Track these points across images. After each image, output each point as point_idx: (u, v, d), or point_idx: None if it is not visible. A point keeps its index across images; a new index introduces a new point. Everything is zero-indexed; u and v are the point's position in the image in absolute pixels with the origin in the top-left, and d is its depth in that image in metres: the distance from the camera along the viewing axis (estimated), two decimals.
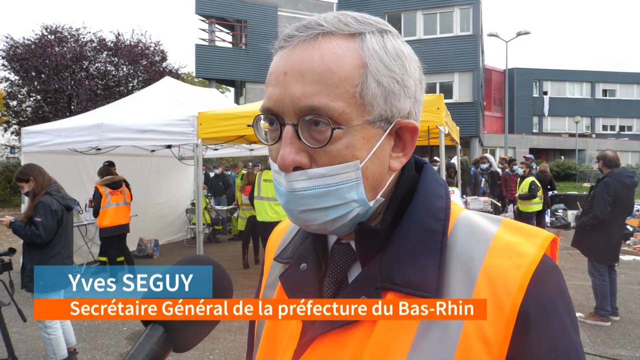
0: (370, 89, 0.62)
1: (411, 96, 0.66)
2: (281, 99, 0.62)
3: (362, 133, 0.62)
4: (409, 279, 0.62)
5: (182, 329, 0.60)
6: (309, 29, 0.63)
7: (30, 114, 20.77)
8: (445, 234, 0.65)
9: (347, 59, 0.61)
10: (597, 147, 32.45)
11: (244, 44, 28.00)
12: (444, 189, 0.71)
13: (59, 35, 20.62)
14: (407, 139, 0.68)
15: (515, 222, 0.68)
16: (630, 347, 4.76)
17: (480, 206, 10.05)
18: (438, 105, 5.35)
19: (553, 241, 0.65)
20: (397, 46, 0.66)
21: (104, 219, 7.44)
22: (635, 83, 39.31)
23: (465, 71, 24.31)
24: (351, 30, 0.63)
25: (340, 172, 0.62)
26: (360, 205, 0.64)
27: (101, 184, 7.47)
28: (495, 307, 0.58)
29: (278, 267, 0.81)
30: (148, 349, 0.58)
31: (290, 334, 0.71)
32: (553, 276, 0.61)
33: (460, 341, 0.58)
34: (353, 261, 0.71)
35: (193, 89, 9.63)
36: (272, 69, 0.65)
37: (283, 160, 0.62)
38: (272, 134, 0.66)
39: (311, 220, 0.65)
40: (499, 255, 0.61)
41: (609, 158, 5.41)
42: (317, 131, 0.61)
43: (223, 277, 0.66)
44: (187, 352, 4.70)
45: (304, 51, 0.61)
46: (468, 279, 0.61)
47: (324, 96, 0.60)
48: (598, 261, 5.38)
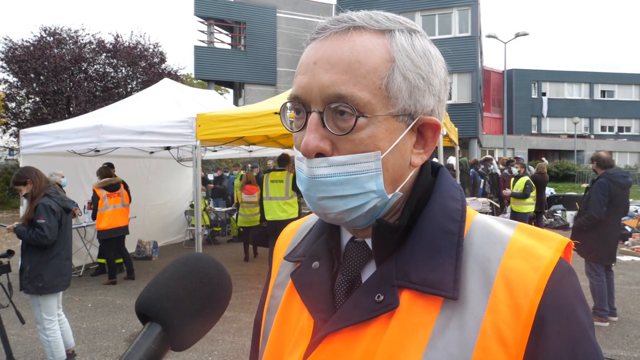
0: (396, 82, 0.63)
1: (435, 94, 0.68)
2: (309, 86, 0.64)
3: (385, 125, 0.64)
4: (425, 277, 0.62)
5: (181, 327, 0.60)
6: (341, 22, 0.65)
7: (29, 116, 20.75)
8: (461, 235, 0.65)
9: (375, 52, 0.63)
10: (595, 147, 32.44)
11: (243, 45, 28.01)
12: (459, 192, 0.72)
13: (57, 37, 20.61)
14: (428, 137, 0.69)
15: (530, 226, 0.69)
16: (628, 348, 4.76)
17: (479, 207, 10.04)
18: None
19: (568, 245, 0.66)
20: (425, 45, 0.67)
21: (102, 222, 7.45)
22: (633, 84, 39.40)
23: (464, 72, 24.34)
24: (381, 26, 0.65)
25: (361, 161, 0.63)
26: (379, 196, 0.65)
27: (98, 186, 7.47)
28: (513, 308, 0.59)
29: (288, 266, 0.82)
30: (146, 347, 0.57)
31: (301, 331, 0.71)
32: (570, 278, 0.62)
33: (478, 341, 0.58)
34: (367, 260, 0.71)
35: (192, 90, 9.63)
36: (303, 58, 0.67)
37: (306, 146, 0.63)
38: (297, 122, 0.67)
39: (329, 208, 0.65)
40: (515, 257, 0.62)
41: (603, 159, 5.44)
42: (342, 119, 0.62)
43: (222, 275, 0.66)
44: (186, 354, 4.70)
45: (335, 42, 0.63)
46: (485, 279, 0.61)
47: (351, 85, 0.61)
48: (595, 262, 5.39)
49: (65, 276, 4.29)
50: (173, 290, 0.61)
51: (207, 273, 0.64)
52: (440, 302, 0.61)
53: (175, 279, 0.62)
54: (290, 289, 0.77)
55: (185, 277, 0.62)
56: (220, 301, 0.65)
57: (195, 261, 0.65)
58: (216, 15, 27.34)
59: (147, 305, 0.60)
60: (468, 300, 0.60)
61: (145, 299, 0.60)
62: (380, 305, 0.63)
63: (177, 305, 0.60)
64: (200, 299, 0.62)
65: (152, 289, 0.61)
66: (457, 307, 0.60)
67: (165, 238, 10.82)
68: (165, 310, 0.59)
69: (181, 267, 0.64)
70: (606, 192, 5.19)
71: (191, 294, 0.61)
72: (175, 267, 0.64)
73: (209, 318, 0.64)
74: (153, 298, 0.60)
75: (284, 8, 28.71)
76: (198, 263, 0.65)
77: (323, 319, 0.68)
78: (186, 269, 0.63)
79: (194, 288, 0.62)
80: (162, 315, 0.59)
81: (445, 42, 24.31)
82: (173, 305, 0.59)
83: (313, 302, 0.71)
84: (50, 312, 4.19)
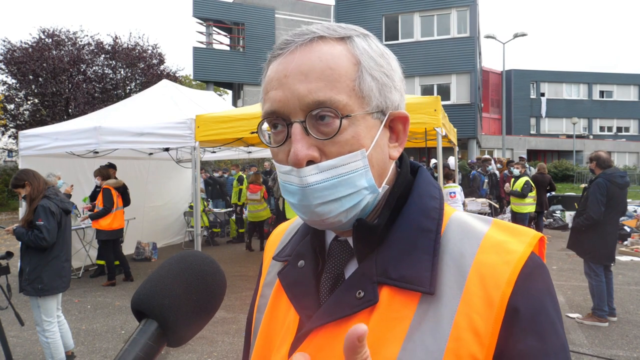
0: (366, 82, 0.67)
1: (398, 89, 0.72)
2: (286, 99, 0.65)
3: (364, 123, 0.67)
4: (404, 273, 0.65)
5: (176, 323, 0.60)
6: (304, 35, 0.68)
7: (27, 118, 20.73)
8: (438, 232, 0.68)
9: (342, 57, 0.66)
10: (594, 148, 32.42)
11: (242, 46, 28.01)
12: (437, 191, 0.74)
13: (56, 38, 20.60)
14: (399, 129, 0.74)
15: (505, 222, 0.71)
16: (627, 348, 4.77)
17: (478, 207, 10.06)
18: (435, 107, 5.36)
19: (541, 240, 0.68)
20: (380, 47, 0.72)
21: (115, 222, 7.48)
22: (632, 84, 39.43)
23: (463, 73, 24.34)
24: (340, 34, 0.68)
25: (350, 161, 0.66)
26: (371, 192, 0.68)
27: (112, 186, 7.49)
28: (486, 300, 0.61)
29: (277, 265, 0.84)
30: (142, 344, 0.58)
31: (287, 327, 0.74)
32: (540, 272, 0.64)
33: (451, 332, 0.60)
34: (350, 258, 0.73)
35: (191, 91, 9.63)
36: (272, 74, 0.68)
37: (296, 156, 0.64)
38: (276, 137, 0.69)
39: (327, 212, 0.67)
40: (489, 252, 0.65)
41: (603, 159, 5.44)
42: (324, 124, 0.65)
43: (216, 271, 0.67)
44: (186, 355, 4.69)
45: (302, 54, 0.66)
46: (460, 274, 0.64)
47: (328, 90, 0.64)
48: (594, 262, 5.40)
49: (65, 278, 4.28)
50: (168, 287, 0.61)
51: (202, 270, 0.65)
52: (418, 297, 0.64)
53: (170, 276, 0.63)
54: (278, 288, 0.80)
55: (181, 274, 0.63)
56: (215, 297, 0.66)
57: (190, 258, 0.66)
58: (215, 16, 27.33)
59: (142, 302, 0.60)
60: (444, 294, 0.63)
61: (141, 296, 0.61)
62: (361, 301, 0.65)
63: (172, 302, 0.60)
64: (196, 295, 0.63)
65: (148, 286, 0.62)
66: (434, 302, 0.63)
67: (164, 239, 10.81)
68: (161, 307, 0.60)
69: (176, 265, 0.65)
70: (604, 192, 5.20)
71: (186, 291, 0.62)
72: (170, 264, 0.65)
73: (205, 314, 0.65)
74: (149, 295, 0.61)
75: (283, 9, 28.72)
76: (193, 260, 0.66)
77: (308, 315, 0.71)
78: (181, 266, 0.64)
79: (189, 284, 0.63)
80: (158, 311, 0.60)
81: (444, 43, 24.36)
82: (169, 301, 0.60)
83: (299, 299, 0.73)
84: (50, 314, 4.19)
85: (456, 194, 9.02)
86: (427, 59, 24.23)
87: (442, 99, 6.44)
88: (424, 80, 25.10)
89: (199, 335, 5.13)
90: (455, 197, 8.96)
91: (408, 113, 0.74)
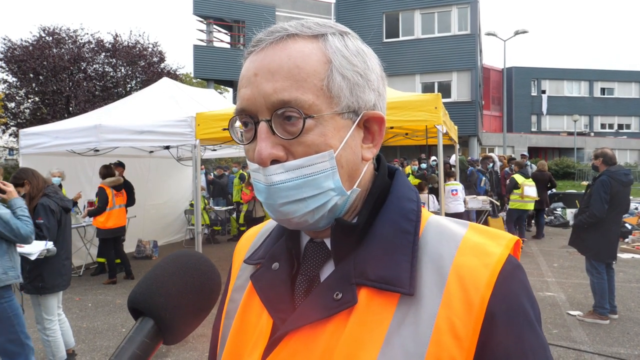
0: (336, 81, 0.65)
1: (374, 89, 0.70)
2: (253, 97, 0.65)
3: (332, 123, 0.65)
4: (382, 274, 0.64)
5: (172, 321, 0.61)
6: (275, 32, 0.67)
7: (28, 116, 20.75)
8: (417, 234, 0.68)
9: (312, 56, 0.65)
10: (595, 145, 32.43)
11: (242, 44, 27.98)
12: (414, 194, 0.75)
13: (56, 36, 20.60)
14: (375, 130, 0.72)
15: (481, 225, 0.72)
16: (629, 345, 4.76)
17: (478, 205, 10.05)
18: (436, 105, 5.35)
19: (516, 243, 0.69)
20: (357, 45, 0.70)
21: (109, 220, 7.48)
22: (633, 81, 39.36)
23: (464, 70, 24.30)
24: (314, 32, 0.67)
25: (316, 162, 0.65)
26: (338, 193, 0.67)
27: (108, 185, 7.49)
28: (466, 303, 0.61)
29: (248, 269, 0.82)
30: (138, 341, 0.59)
31: (260, 332, 0.71)
32: (518, 274, 0.65)
33: (432, 336, 0.60)
34: (326, 259, 0.72)
35: (191, 89, 9.62)
36: (244, 72, 0.68)
37: (260, 155, 0.64)
38: (247, 135, 0.69)
39: (292, 212, 0.66)
40: (467, 255, 0.65)
41: (610, 156, 5.41)
42: (290, 124, 0.64)
43: (211, 270, 0.68)
44: (186, 354, 4.69)
45: (272, 52, 0.65)
46: (439, 276, 0.63)
47: (294, 90, 0.63)
48: (596, 259, 5.39)
49: (65, 276, 4.29)
50: (164, 286, 0.62)
51: (197, 268, 0.66)
52: (397, 299, 0.63)
53: (166, 274, 0.64)
54: (249, 291, 0.78)
55: (176, 272, 0.64)
56: (210, 295, 0.66)
57: (185, 257, 0.67)
58: (215, 14, 27.28)
59: (139, 301, 0.61)
60: (423, 296, 0.62)
61: (137, 294, 0.62)
62: (339, 303, 0.64)
63: (168, 300, 0.61)
64: (191, 294, 0.64)
65: (144, 285, 0.63)
66: (413, 304, 0.62)
67: (165, 237, 10.82)
68: (157, 305, 0.61)
69: (172, 264, 0.65)
70: (607, 190, 5.18)
71: (182, 289, 0.63)
72: (166, 263, 0.66)
73: (200, 312, 0.65)
74: (145, 293, 0.61)
75: (283, 7, 28.66)
76: (188, 259, 0.67)
77: (282, 318, 0.69)
78: (177, 265, 0.65)
79: (185, 283, 0.64)
80: (154, 309, 0.61)
81: (445, 40, 24.32)
82: (164, 300, 0.61)
83: (272, 302, 0.72)
84: (50, 312, 4.19)
85: (457, 192, 9.02)
86: (427, 57, 24.19)
87: (443, 96, 6.43)
88: (424, 77, 25.07)
89: (199, 333, 5.14)
90: (457, 194, 8.97)
91: (384, 114, 0.72)
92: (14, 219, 3.49)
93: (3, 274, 3.49)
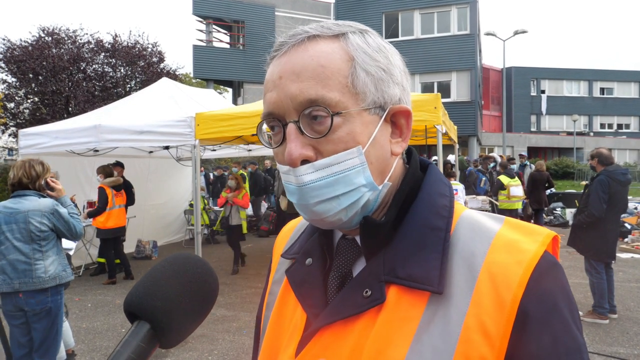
0: (360, 78, 0.66)
1: (399, 83, 0.71)
2: (280, 100, 0.65)
3: (359, 119, 0.66)
4: (411, 272, 0.64)
5: (168, 325, 0.60)
6: (296, 35, 0.68)
7: (27, 116, 20.70)
8: (448, 231, 0.67)
9: (335, 55, 0.66)
10: (595, 145, 32.43)
11: (242, 44, 27.97)
12: (448, 188, 0.74)
13: (56, 36, 20.55)
14: (402, 124, 0.72)
15: (518, 220, 0.70)
16: (628, 345, 4.77)
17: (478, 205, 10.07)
18: (435, 105, 5.35)
19: (554, 239, 0.67)
20: (378, 41, 0.71)
21: (109, 221, 7.49)
22: (632, 81, 39.37)
23: (463, 70, 24.32)
24: (334, 32, 0.68)
25: (345, 158, 0.65)
26: (370, 189, 0.67)
27: (108, 185, 7.49)
28: (497, 301, 0.60)
29: (285, 263, 0.84)
30: (134, 345, 0.58)
31: (295, 326, 0.73)
32: (554, 272, 0.63)
33: (461, 334, 0.59)
34: (358, 256, 0.73)
35: (190, 89, 9.62)
36: (268, 76, 0.69)
37: (290, 156, 0.65)
38: (275, 138, 0.69)
39: (326, 211, 0.66)
40: (500, 252, 0.63)
41: (605, 156, 5.43)
42: (318, 123, 0.64)
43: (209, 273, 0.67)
44: (186, 354, 4.69)
45: (295, 54, 0.66)
46: (470, 274, 0.63)
47: (320, 88, 0.63)
48: (595, 259, 5.39)
49: None
50: (160, 289, 0.61)
51: (194, 272, 0.65)
52: (426, 297, 0.63)
53: (163, 278, 0.63)
54: (285, 286, 0.80)
55: (173, 276, 0.63)
56: (207, 299, 0.66)
57: (182, 260, 0.66)
58: (215, 14, 27.27)
59: (134, 304, 0.60)
60: (453, 294, 0.62)
61: (133, 297, 0.61)
62: (368, 300, 0.65)
63: (164, 304, 0.60)
64: (188, 297, 0.63)
65: (140, 288, 0.62)
66: (443, 302, 0.62)
67: (164, 237, 10.81)
68: (153, 309, 0.60)
69: (169, 267, 0.65)
70: (606, 190, 5.19)
71: (179, 293, 0.62)
72: (162, 266, 0.65)
73: (196, 316, 0.64)
74: (141, 297, 0.61)
75: (283, 7, 28.64)
76: (185, 262, 0.66)
77: (315, 313, 0.70)
78: (173, 268, 0.64)
79: (182, 286, 0.63)
80: (150, 313, 0.60)
81: (444, 40, 24.33)
82: (161, 303, 0.60)
83: (306, 297, 0.73)
84: None
85: (458, 192, 9.04)
86: (427, 57, 24.19)
87: (443, 96, 6.43)
88: (424, 77, 25.07)
89: (199, 334, 5.14)
90: (458, 194, 8.99)
91: (410, 107, 0.73)
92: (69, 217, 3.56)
93: (63, 271, 3.57)
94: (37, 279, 3.40)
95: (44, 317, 3.47)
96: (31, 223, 3.37)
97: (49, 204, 3.46)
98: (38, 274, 3.40)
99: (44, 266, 3.43)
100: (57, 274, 3.50)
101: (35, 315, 3.45)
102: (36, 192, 3.49)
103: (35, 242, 3.41)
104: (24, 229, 3.37)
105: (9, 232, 3.36)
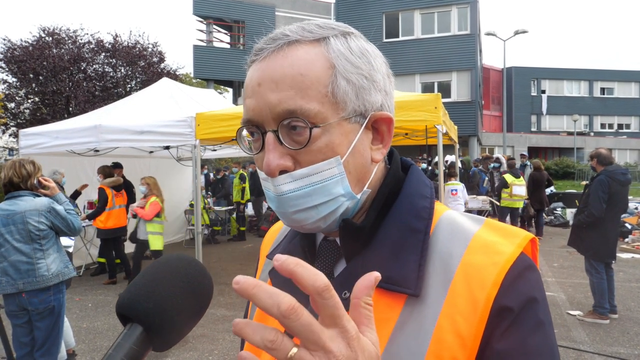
0: (340, 87, 0.64)
1: (381, 89, 0.69)
2: (259, 108, 0.65)
3: (339, 130, 0.65)
4: (390, 275, 0.64)
5: (162, 327, 0.59)
6: (275, 40, 0.66)
7: (28, 116, 20.72)
8: (427, 232, 0.67)
9: (315, 63, 0.64)
10: (595, 145, 32.40)
11: (242, 44, 27.99)
12: (429, 190, 0.73)
13: (56, 37, 20.57)
14: (384, 131, 0.71)
15: (497, 222, 0.70)
16: (628, 345, 4.77)
17: (478, 205, 10.09)
18: (436, 105, 5.35)
19: (532, 241, 0.67)
20: (361, 45, 0.69)
21: (109, 221, 7.50)
22: (633, 81, 39.36)
23: (463, 70, 24.30)
24: (315, 36, 0.66)
25: (323, 169, 0.64)
26: (348, 198, 0.67)
27: (108, 185, 7.50)
28: (470, 301, 0.60)
29: (270, 264, 0.84)
30: (127, 348, 0.57)
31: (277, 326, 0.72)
32: (528, 274, 0.63)
33: (434, 334, 0.60)
34: (339, 257, 0.73)
35: (191, 89, 9.63)
36: (247, 82, 0.68)
37: (268, 166, 0.64)
38: (255, 144, 0.69)
39: (304, 220, 0.67)
40: (477, 253, 0.64)
41: (604, 156, 5.43)
42: (297, 134, 0.63)
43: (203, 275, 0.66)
44: (186, 353, 4.68)
45: (274, 61, 0.64)
46: (445, 275, 0.63)
47: (299, 99, 0.62)
48: (595, 259, 5.39)
49: None
50: (153, 291, 0.60)
51: (188, 273, 0.63)
52: (404, 299, 0.63)
53: (155, 279, 0.61)
54: None
55: (166, 277, 0.62)
56: (201, 301, 0.64)
57: (175, 261, 0.65)
58: (215, 14, 27.28)
59: (127, 306, 0.59)
60: (429, 295, 0.62)
61: (125, 299, 0.60)
62: (347, 302, 0.63)
63: (157, 306, 0.59)
64: (181, 299, 0.61)
65: (132, 290, 0.60)
66: (419, 303, 0.62)
67: (165, 237, 10.68)
68: (146, 311, 0.58)
69: (162, 268, 0.63)
70: (606, 190, 5.19)
71: (172, 294, 0.61)
72: (155, 268, 0.63)
73: (190, 317, 0.63)
74: (133, 299, 0.59)
75: (283, 7, 28.65)
76: (179, 263, 0.64)
77: None
78: (167, 270, 0.63)
79: (175, 288, 0.61)
80: (143, 315, 0.58)
81: (445, 40, 24.31)
82: (153, 305, 0.59)
83: None
84: None
85: (458, 192, 9.03)
86: (427, 57, 24.19)
87: (443, 96, 6.43)
88: (424, 77, 25.06)
89: (200, 334, 5.14)
90: (457, 194, 8.98)
91: (392, 114, 0.71)
92: (66, 213, 3.57)
93: (65, 267, 3.58)
94: (41, 278, 3.42)
95: (47, 316, 3.49)
96: (29, 223, 3.38)
97: (45, 203, 3.47)
98: (41, 272, 3.42)
99: (46, 264, 3.45)
100: (59, 270, 3.52)
101: (38, 315, 3.46)
102: (30, 192, 3.50)
103: (35, 241, 3.41)
104: (23, 230, 3.38)
105: (7, 234, 3.37)
